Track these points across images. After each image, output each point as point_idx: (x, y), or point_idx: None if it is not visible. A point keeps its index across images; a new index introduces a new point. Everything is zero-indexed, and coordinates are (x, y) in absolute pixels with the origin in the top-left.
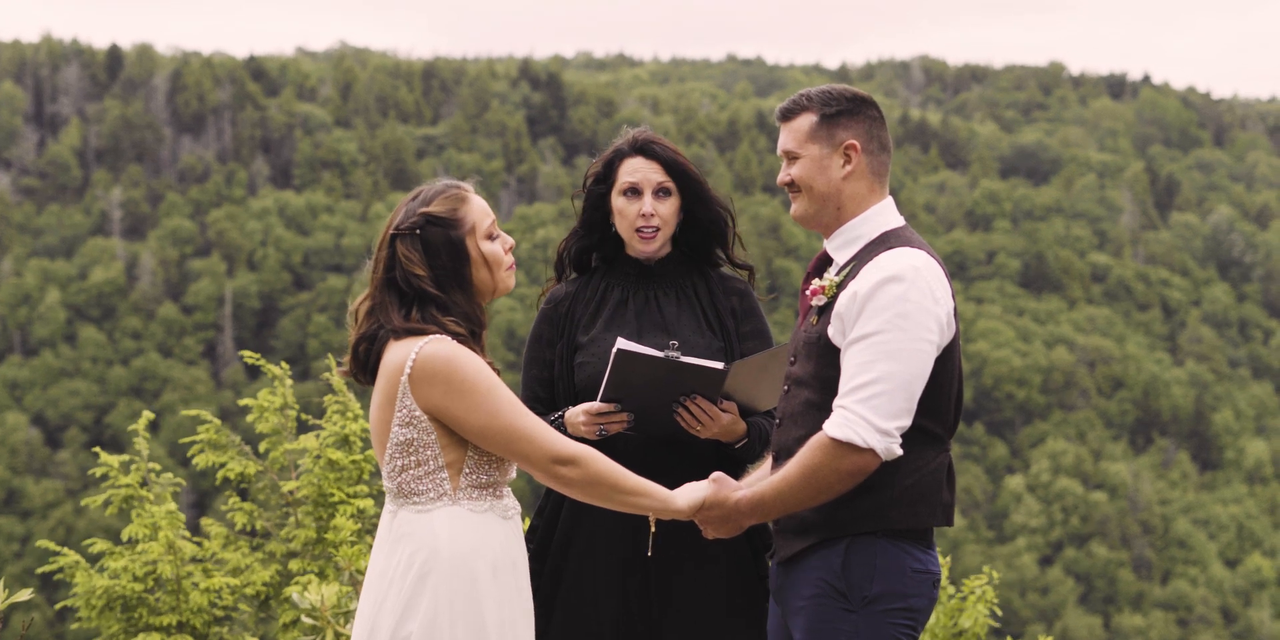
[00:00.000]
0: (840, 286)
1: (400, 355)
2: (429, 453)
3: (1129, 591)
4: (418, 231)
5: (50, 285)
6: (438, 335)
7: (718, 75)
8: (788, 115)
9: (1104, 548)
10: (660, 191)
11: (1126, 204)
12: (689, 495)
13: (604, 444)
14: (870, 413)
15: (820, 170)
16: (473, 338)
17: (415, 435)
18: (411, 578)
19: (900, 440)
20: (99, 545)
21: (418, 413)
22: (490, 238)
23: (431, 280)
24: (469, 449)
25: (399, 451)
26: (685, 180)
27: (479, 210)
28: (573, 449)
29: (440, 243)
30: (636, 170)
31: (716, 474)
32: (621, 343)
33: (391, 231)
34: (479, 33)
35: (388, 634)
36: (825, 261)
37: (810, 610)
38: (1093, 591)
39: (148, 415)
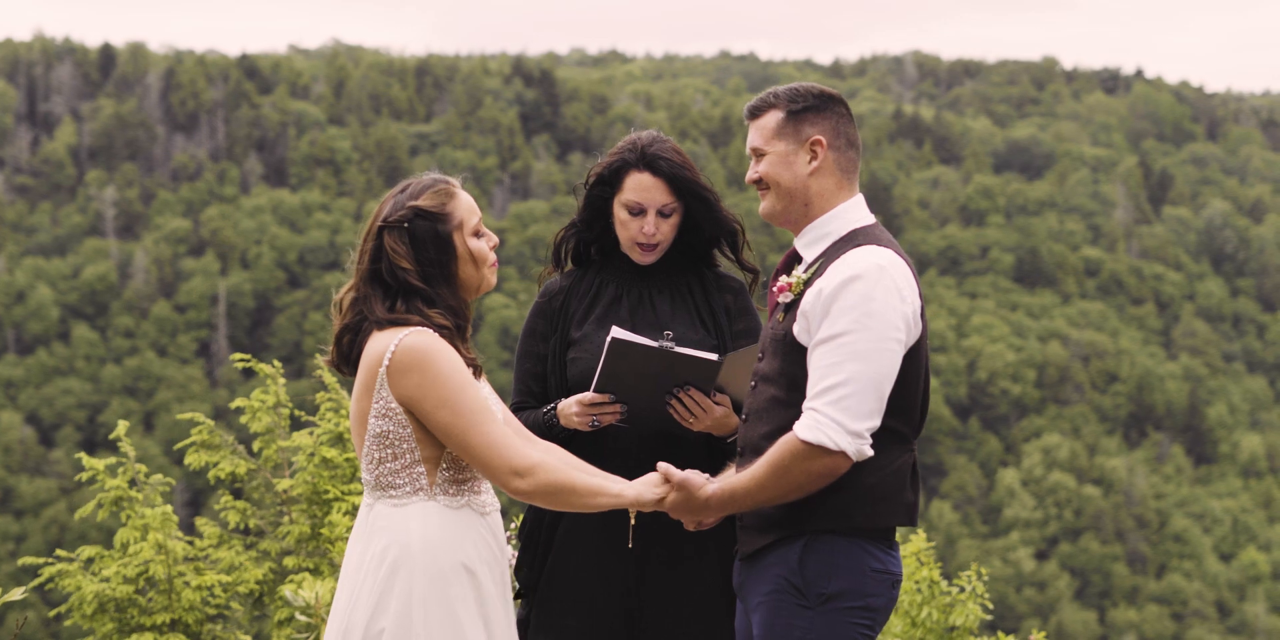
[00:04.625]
0: (807, 284)
1: (381, 345)
2: (405, 446)
3: (1124, 586)
4: (405, 225)
5: (44, 283)
6: (420, 327)
7: (711, 71)
8: (755, 113)
9: (1098, 542)
10: (663, 212)
11: (1120, 198)
12: (641, 489)
13: (594, 440)
14: (840, 414)
15: (786, 166)
16: (458, 332)
17: (391, 427)
18: (383, 573)
19: (870, 441)
20: (88, 551)
21: (394, 404)
22: (477, 235)
23: (418, 274)
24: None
25: (376, 444)
26: (691, 197)
27: (466, 207)
28: (528, 460)
29: (428, 237)
30: (643, 188)
31: (662, 465)
32: (616, 332)
33: (379, 223)
34: (472, 30)
35: (361, 629)
36: (794, 259)
37: (768, 606)
38: (1088, 586)
39: (124, 423)
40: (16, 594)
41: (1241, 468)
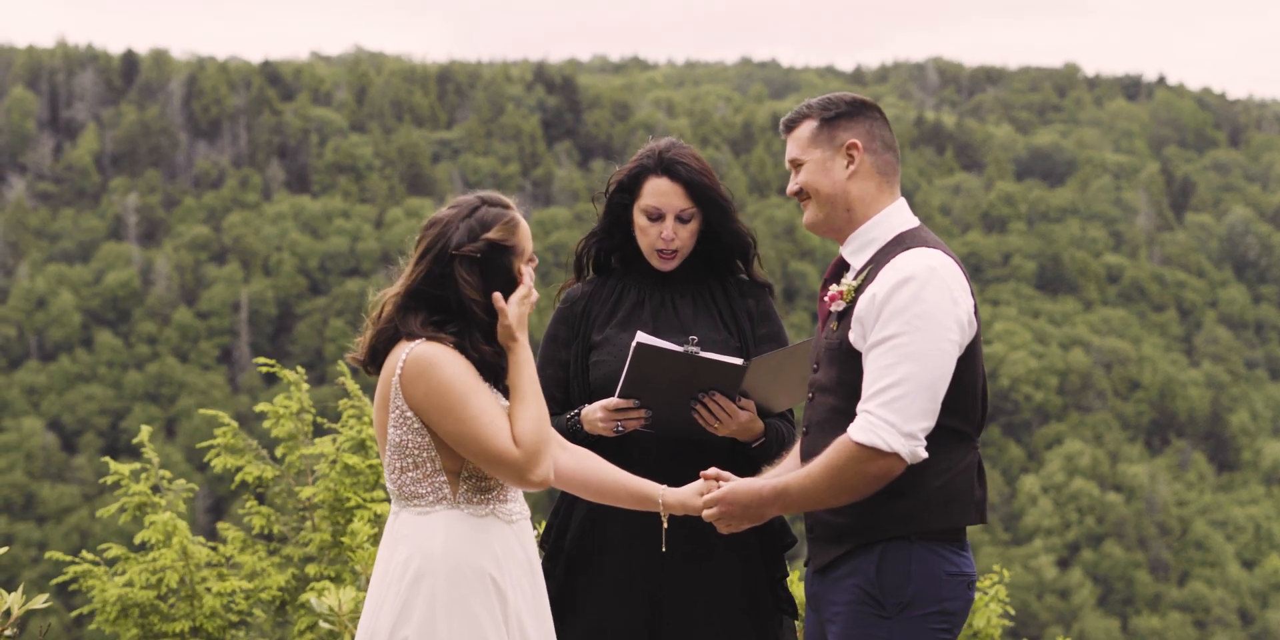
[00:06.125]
0: (858, 290)
1: (396, 356)
2: (425, 456)
3: (1146, 593)
4: (479, 255)
5: (66, 290)
6: (430, 340)
7: (732, 78)
8: (791, 126)
9: (1121, 549)
10: (682, 217)
11: (1142, 205)
12: (685, 495)
13: (618, 446)
14: (893, 416)
15: (824, 172)
16: (500, 366)
17: (409, 437)
18: (407, 581)
19: (925, 443)
20: (114, 550)
21: (409, 413)
22: (529, 261)
23: (483, 306)
24: None
25: (396, 453)
26: (708, 204)
27: (526, 235)
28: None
29: (498, 269)
30: (661, 193)
31: (712, 470)
32: (641, 337)
33: (452, 251)
34: (494, 36)
35: (385, 637)
36: (842, 267)
37: (845, 617)
38: (1111, 593)
39: (147, 428)
40: (39, 601)
41: (1264, 475)
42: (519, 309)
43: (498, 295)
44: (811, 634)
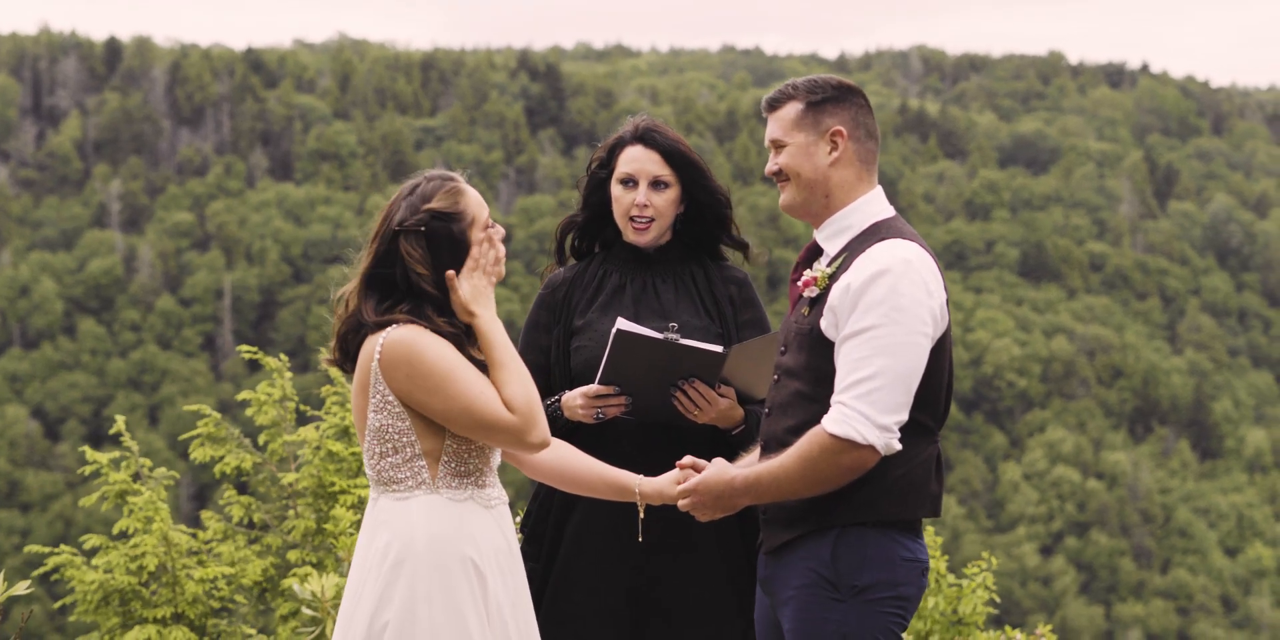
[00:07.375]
0: (832, 278)
1: (372, 344)
2: (404, 440)
3: (1129, 580)
4: (422, 228)
5: (48, 277)
6: (404, 323)
7: (716, 66)
8: (774, 105)
9: (1104, 537)
10: (656, 183)
11: (1125, 193)
12: (661, 485)
13: (598, 432)
14: (868, 408)
15: (807, 157)
16: (466, 336)
17: (389, 422)
18: (388, 566)
19: (899, 435)
20: (93, 540)
21: (391, 398)
22: (485, 228)
23: (432, 279)
24: (448, 437)
25: (375, 439)
26: (685, 169)
27: (476, 202)
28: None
29: (444, 238)
30: (634, 160)
31: (688, 458)
32: (621, 324)
33: (395, 228)
34: (477, 24)
35: (366, 621)
36: (815, 251)
37: (799, 600)
38: (1094, 581)
39: (121, 418)
40: (21, 588)
41: (1247, 462)
42: (471, 282)
43: (450, 273)
44: (762, 617)
